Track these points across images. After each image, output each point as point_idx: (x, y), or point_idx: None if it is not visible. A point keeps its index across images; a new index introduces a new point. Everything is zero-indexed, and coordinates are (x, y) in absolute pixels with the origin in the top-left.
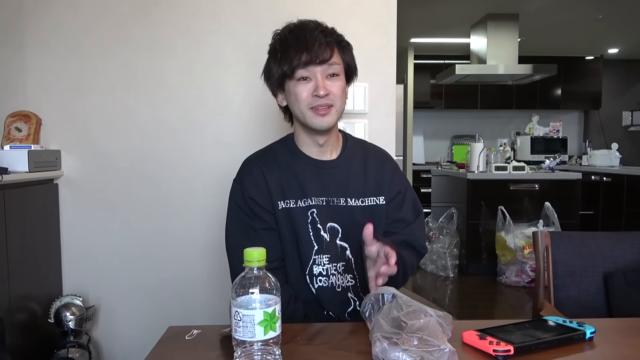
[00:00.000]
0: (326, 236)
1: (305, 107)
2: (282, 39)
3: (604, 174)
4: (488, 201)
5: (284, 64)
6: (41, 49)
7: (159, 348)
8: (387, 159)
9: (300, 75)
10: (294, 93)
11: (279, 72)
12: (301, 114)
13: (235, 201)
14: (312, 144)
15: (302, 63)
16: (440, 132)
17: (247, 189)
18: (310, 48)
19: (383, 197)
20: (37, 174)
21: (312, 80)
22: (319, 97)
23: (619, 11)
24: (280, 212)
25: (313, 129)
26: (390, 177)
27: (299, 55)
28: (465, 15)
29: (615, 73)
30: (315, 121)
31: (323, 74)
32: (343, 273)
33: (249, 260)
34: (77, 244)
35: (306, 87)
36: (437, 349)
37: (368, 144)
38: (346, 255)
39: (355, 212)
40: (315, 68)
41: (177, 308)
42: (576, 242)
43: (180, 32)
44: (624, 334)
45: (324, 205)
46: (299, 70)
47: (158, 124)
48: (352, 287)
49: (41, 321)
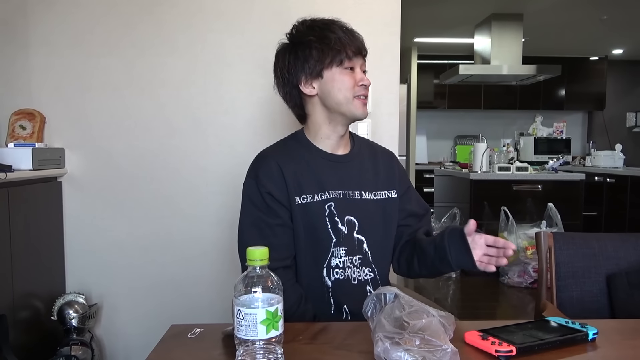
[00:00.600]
0: (344, 229)
1: (351, 95)
2: (324, 28)
3: (607, 175)
4: (491, 201)
5: (336, 51)
6: (45, 47)
7: (161, 346)
8: (393, 157)
9: (349, 65)
10: (340, 80)
11: (328, 58)
12: (345, 101)
13: (250, 197)
14: (331, 136)
15: (353, 52)
16: (444, 132)
17: (263, 183)
18: (357, 40)
19: (395, 190)
20: (41, 172)
21: (354, 71)
22: (364, 87)
23: (624, 12)
24: (297, 207)
25: (349, 117)
26: (398, 173)
27: (351, 45)
28: (469, 15)
29: (620, 74)
30: (360, 110)
31: (362, 68)
32: (360, 266)
33: (252, 259)
34: (80, 242)
35: (351, 76)
36: (439, 349)
37: (373, 143)
38: (363, 249)
39: (369, 205)
40: (359, 60)
41: (179, 306)
42: (579, 243)
43: (184, 30)
44: (627, 336)
45: (341, 199)
46: (347, 59)
47: (162, 122)
48: (371, 280)
49: (44, 319)
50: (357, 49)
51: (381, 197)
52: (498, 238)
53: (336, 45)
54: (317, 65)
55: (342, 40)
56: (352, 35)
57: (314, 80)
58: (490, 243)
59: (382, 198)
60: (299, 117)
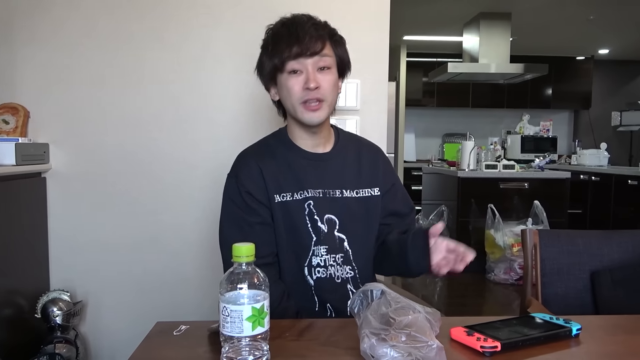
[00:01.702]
0: (324, 227)
1: (296, 101)
2: (274, 32)
3: (592, 174)
4: (478, 199)
5: (275, 57)
6: (29, 40)
7: (147, 343)
8: (379, 153)
9: (291, 68)
10: (286, 86)
11: (270, 65)
12: (292, 108)
13: (230, 196)
14: (306, 137)
15: (293, 55)
16: (432, 130)
17: (243, 183)
18: (302, 40)
19: (378, 188)
20: (24, 168)
21: (303, 73)
22: (309, 90)
23: (610, 12)
24: (277, 205)
25: (303, 123)
26: (383, 170)
27: (290, 47)
28: (457, 14)
29: (606, 74)
30: (306, 116)
31: (314, 67)
32: (342, 264)
33: (238, 256)
34: (65, 239)
35: (297, 80)
36: (425, 345)
37: (360, 137)
38: (344, 247)
39: (350, 204)
40: (306, 60)
41: (165, 304)
42: (564, 241)
43: (172, 24)
44: (610, 331)
45: (321, 197)
46: (289, 62)
47: (148, 117)
48: (351, 279)
49: (28, 316)
50: (302, 49)
51: (363, 194)
52: (459, 245)
53: (276, 48)
54: (269, 70)
55: (284, 43)
56: (296, 36)
57: (272, 87)
58: (451, 248)
59: (364, 196)
60: (284, 116)
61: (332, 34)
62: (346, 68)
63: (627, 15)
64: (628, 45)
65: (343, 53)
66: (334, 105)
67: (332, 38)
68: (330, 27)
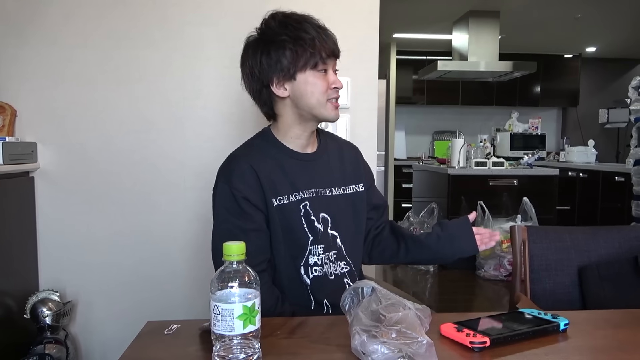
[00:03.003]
0: (320, 227)
1: (324, 99)
2: (297, 27)
3: (580, 170)
4: (468, 196)
5: (310, 53)
6: (16, 38)
7: (137, 342)
8: (357, 151)
9: (323, 67)
10: (313, 84)
11: (302, 61)
12: (317, 104)
13: (223, 203)
14: (301, 135)
15: (327, 55)
16: (422, 127)
17: (238, 187)
18: (330, 42)
19: (362, 184)
20: (12, 167)
21: (327, 73)
22: (336, 90)
23: (597, 11)
24: (275, 209)
25: (321, 120)
26: (363, 166)
27: (326, 47)
28: (447, 12)
29: (593, 71)
30: (333, 113)
31: (334, 69)
32: (335, 261)
33: (228, 254)
34: (53, 238)
35: (325, 79)
36: (415, 341)
37: (337, 137)
38: (337, 244)
39: (339, 201)
40: (332, 62)
41: (156, 303)
42: (552, 237)
43: (160, 22)
44: (597, 326)
45: (315, 197)
46: (323, 62)
47: (137, 116)
48: (347, 273)
49: (17, 317)
50: (331, 51)
51: (350, 191)
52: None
53: (310, 47)
54: (291, 67)
55: (316, 42)
56: (326, 36)
57: (287, 82)
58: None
59: (350, 192)
60: (268, 116)
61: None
62: None
63: (614, 14)
64: (614, 43)
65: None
66: None
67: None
68: None
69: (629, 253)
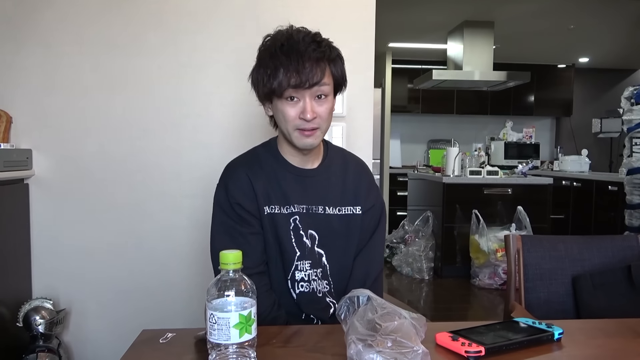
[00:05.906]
0: (308, 242)
1: (291, 127)
2: (272, 54)
3: (574, 179)
4: (463, 205)
5: (273, 82)
6: (11, 44)
7: (132, 352)
8: (365, 170)
9: (289, 95)
10: (281, 111)
11: (267, 89)
12: (287, 133)
13: (221, 206)
14: (295, 154)
15: (292, 85)
16: (417, 136)
17: (233, 194)
18: (301, 70)
19: (360, 207)
20: (7, 174)
21: (300, 101)
22: (305, 120)
23: (590, 22)
24: (266, 217)
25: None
26: (367, 188)
27: (288, 76)
28: (442, 22)
29: (586, 81)
30: (300, 142)
31: (312, 96)
32: (321, 279)
33: (225, 263)
34: (47, 246)
35: (294, 107)
36: (411, 350)
37: (347, 153)
38: (322, 262)
39: (332, 221)
40: (305, 91)
41: (151, 312)
42: (546, 246)
43: (156, 30)
44: (591, 335)
45: (305, 213)
46: (287, 90)
47: (133, 124)
48: (327, 293)
49: (9, 325)
50: (302, 81)
51: (345, 212)
52: None
53: (275, 74)
54: (266, 92)
55: (283, 70)
56: (295, 65)
57: (267, 104)
58: None
59: (346, 214)
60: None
61: (331, 57)
62: (342, 85)
63: (607, 25)
64: (607, 54)
65: (341, 73)
66: (327, 130)
67: (332, 61)
68: (331, 46)
69: (622, 262)
